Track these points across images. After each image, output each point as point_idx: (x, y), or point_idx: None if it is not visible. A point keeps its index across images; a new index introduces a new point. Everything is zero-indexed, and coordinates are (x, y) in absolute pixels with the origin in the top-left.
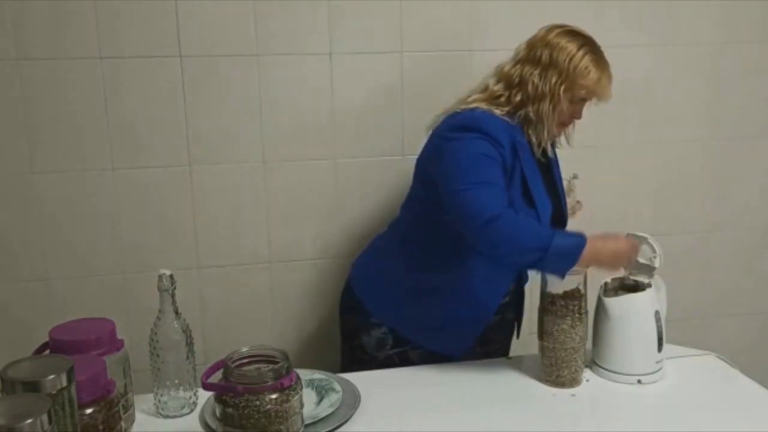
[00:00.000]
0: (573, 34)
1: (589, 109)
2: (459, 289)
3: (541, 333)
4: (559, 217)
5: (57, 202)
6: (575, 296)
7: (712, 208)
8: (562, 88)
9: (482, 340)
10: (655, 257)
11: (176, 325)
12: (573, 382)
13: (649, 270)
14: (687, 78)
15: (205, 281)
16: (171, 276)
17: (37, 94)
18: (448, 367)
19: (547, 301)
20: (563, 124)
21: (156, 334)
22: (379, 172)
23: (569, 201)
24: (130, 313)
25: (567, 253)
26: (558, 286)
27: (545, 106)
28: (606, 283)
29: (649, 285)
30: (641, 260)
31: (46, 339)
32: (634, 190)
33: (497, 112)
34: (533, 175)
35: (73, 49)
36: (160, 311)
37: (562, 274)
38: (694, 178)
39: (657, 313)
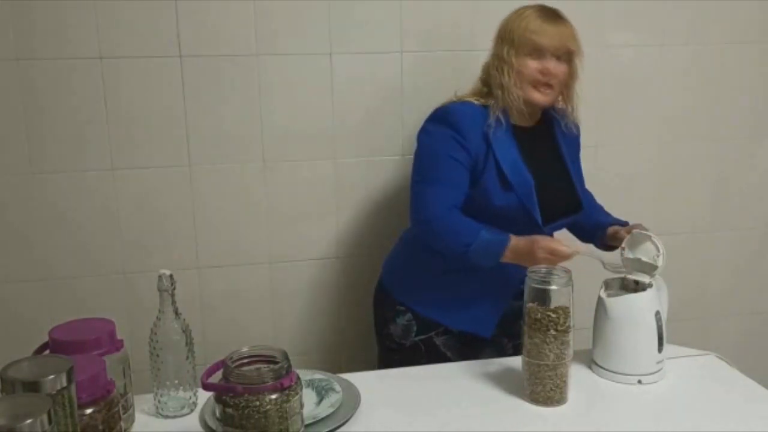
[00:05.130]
0: (523, 7)
1: (589, 109)
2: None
3: (521, 345)
4: (570, 196)
5: (57, 202)
6: (556, 312)
7: (712, 208)
8: (513, 52)
9: (509, 332)
10: (658, 256)
11: (176, 325)
12: (548, 401)
13: (651, 269)
14: (687, 78)
15: (205, 281)
16: (171, 276)
17: (37, 94)
18: (449, 367)
19: (525, 314)
20: (536, 83)
21: (156, 334)
22: (379, 172)
23: None
24: (130, 313)
25: (490, 248)
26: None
27: (504, 77)
28: (607, 283)
29: (650, 285)
30: (644, 259)
31: (46, 339)
32: (634, 190)
33: (476, 101)
34: (508, 158)
35: (73, 49)
36: (160, 311)
37: (488, 265)
38: (694, 178)
39: (658, 313)
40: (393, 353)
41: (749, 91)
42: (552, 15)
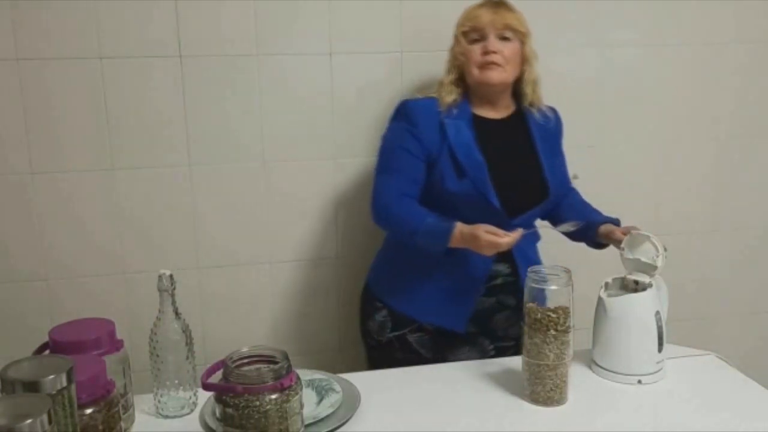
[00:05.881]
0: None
1: (589, 109)
2: (448, 260)
3: (521, 345)
4: (538, 186)
5: (57, 202)
6: (557, 312)
7: (712, 208)
8: (456, 44)
9: (488, 332)
10: (657, 256)
11: (176, 326)
12: (548, 401)
13: (651, 269)
14: (687, 78)
15: (205, 281)
16: (171, 276)
17: (37, 94)
18: (449, 367)
19: (525, 314)
20: (483, 66)
21: (156, 334)
22: None
23: None
24: (130, 313)
25: (436, 234)
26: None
27: (447, 75)
28: (607, 283)
29: (650, 285)
30: (643, 259)
31: (46, 339)
32: (634, 190)
33: (435, 94)
34: (461, 143)
35: (73, 49)
36: (160, 311)
37: (438, 251)
38: (694, 178)
39: (658, 313)
40: (372, 350)
41: (749, 91)
42: (493, 3)
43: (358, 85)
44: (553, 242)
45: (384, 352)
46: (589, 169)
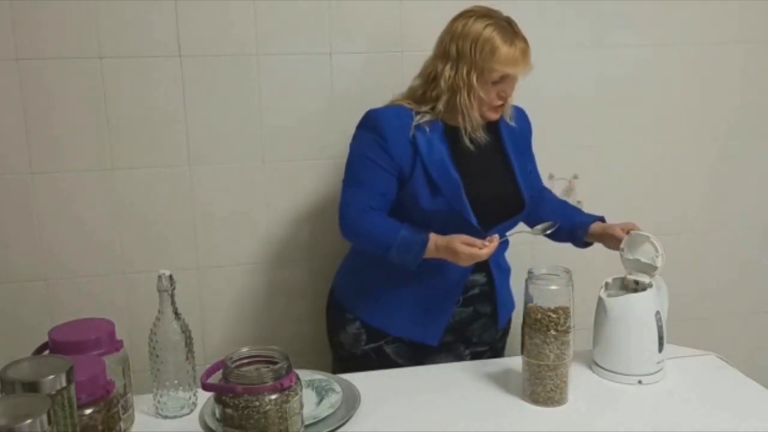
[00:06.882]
0: (477, 17)
1: (589, 109)
2: (422, 273)
3: (521, 346)
4: (512, 198)
5: (57, 202)
6: (557, 312)
7: (712, 208)
8: (475, 77)
9: (465, 339)
10: (657, 257)
11: (175, 326)
12: (548, 401)
13: (650, 269)
14: (687, 78)
15: (205, 281)
16: (170, 276)
17: (37, 94)
18: (448, 368)
19: (525, 314)
20: (493, 108)
21: (155, 334)
22: None
23: (569, 201)
24: (130, 313)
25: (410, 248)
26: (539, 300)
27: (463, 97)
28: (607, 283)
29: (650, 285)
30: (643, 260)
31: (46, 339)
32: (634, 190)
33: (407, 105)
34: (435, 160)
35: (73, 49)
36: (159, 311)
37: (412, 265)
38: (694, 178)
39: (658, 313)
40: (345, 362)
41: (748, 90)
42: (512, 34)
43: (358, 85)
44: (552, 242)
45: (359, 364)
46: (589, 169)
